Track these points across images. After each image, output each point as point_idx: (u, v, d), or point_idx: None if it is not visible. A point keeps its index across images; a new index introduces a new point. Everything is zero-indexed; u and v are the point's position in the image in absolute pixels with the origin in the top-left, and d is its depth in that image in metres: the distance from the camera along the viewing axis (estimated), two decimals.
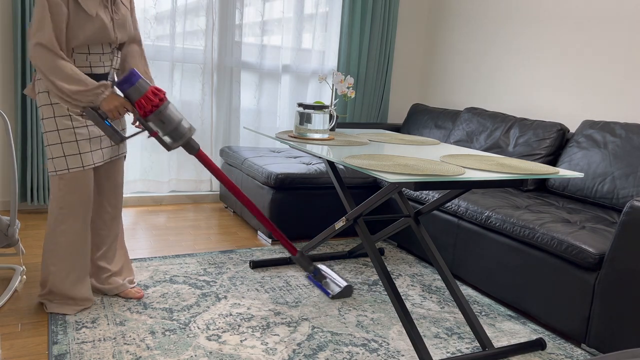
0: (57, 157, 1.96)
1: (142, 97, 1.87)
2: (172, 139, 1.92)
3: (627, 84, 2.96)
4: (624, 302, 1.94)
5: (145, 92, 1.88)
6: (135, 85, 1.87)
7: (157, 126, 1.90)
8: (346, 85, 2.61)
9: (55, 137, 1.95)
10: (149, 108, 1.87)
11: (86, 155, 2.00)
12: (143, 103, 1.87)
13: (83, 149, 1.99)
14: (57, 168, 1.97)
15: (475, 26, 3.98)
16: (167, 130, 1.90)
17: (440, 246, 2.82)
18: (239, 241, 3.16)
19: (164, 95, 1.91)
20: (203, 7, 3.67)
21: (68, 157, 1.96)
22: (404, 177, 1.56)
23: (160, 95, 1.89)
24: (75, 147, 1.97)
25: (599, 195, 2.68)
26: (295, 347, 1.97)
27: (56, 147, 1.96)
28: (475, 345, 2.09)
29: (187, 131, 1.93)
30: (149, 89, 1.89)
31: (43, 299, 2.11)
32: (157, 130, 1.90)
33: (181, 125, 1.92)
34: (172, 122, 1.90)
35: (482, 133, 3.39)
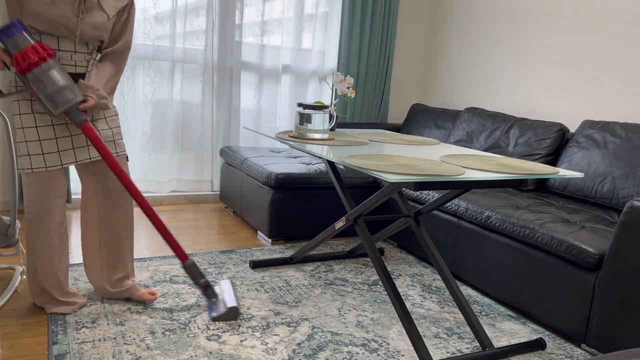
0: (22, 156, 1.92)
1: (20, 52, 1.74)
2: (51, 103, 1.79)
3: (627, 84, 2.96)
4: (624, 302, 1.94)
5: (24, 47, 1.74)
6: (13, 38, 1.73)
7: (36, 87, 1.78)
8: (346, 85, 2.61)
9: (21, 134, 1.91)
10: (24, 65, 1.74)
11: (51, 156, 1.93)
12: (20, 58, 1.74)
13: (47, 149, 1.93)
14: (23, 166, 1.93)
15: (476, 26, 3.98)
16: (45, 92, 1.77)
17: (440, 246, 2.82)
18: (239, 241, 3.16)
19: (47, 54, 1.77)
20: (203, 7, 3.67)
21: (32, 157, 1.92)
22: (404, 177, 1.56)
23: (41, 54, 1.75)
24: (39, 147, 1.91)
25: (599, 195, 2.68)
26: (295, 347, 1.97)
27: (21, 145, 1.92)
28: (475, 345, 2.09)
29: (70, 100, 1.80)
30: (30, 44, 1.75)
31: (40, 302, 2.09)
32: (37, 91, 1.78)
33: (64, 90, 1.79)
34: (52, 85, 1.77)
35: (482, 133, 3.39)
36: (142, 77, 3.61)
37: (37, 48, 1.76)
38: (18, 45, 1.74)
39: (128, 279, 2.23)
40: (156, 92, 3.67)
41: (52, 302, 2.09)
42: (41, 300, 2.09)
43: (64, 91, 1.79)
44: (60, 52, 1.88)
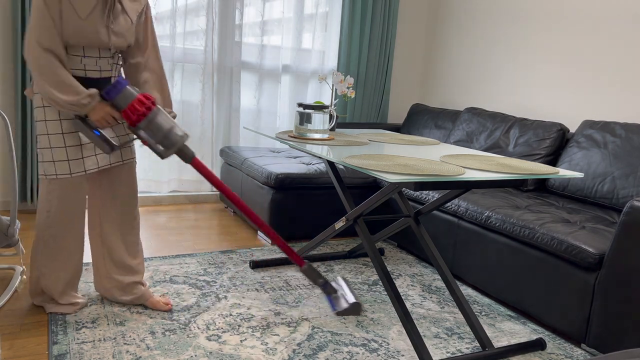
0: (46, 162, 1.93)
1: (128, 106, 1.84)
2: (164, 146, 1.87)
3: (627, 84, 2.96)
4: (624, 302, 1.94)
5: (132, 100, 1.84)
6: (121, 94, 1.84)
7: (148, 134, 1.86)
8: (346, 85, 2.61)
9: (46, 141, 1.92)
10: (134, 118, 1.83)
11: (75, 162, 1.95)
12: (129, 113, 1.84)
13: (72, 155, 1.94)
14: (46, 172, 1.93)
15: (476, 26, 3.98)
16: (157, 138, 1.86)
17: (440, 246, 2.82)
18: (239, 241, 3.16)
19: (151, 102, 1.87)
20: (203, 7, 3.67)
21: (57, 163, 1.92)
22: (404, 177, 1.56)
23: (147, 103, 1.85)
24: (64, 154, 1.92)
25: (599, 195, 2.68)
26: (295, 347, 1.97)
27: (46, 151, 1.92)
28: (475, 345, 2.09)
29: (179, 138, 1.88)
30: (136, 97, 1.85)
31: (39, 302, 2.10)
32: (147, 138, 1.86)
33: (172, 132, 1.87)
34: (162, 129, 1.85)
35: (482, 133, 3.39)
36: None
37: (142, 100, 1.86)
38: (126, 99, 1.84)
39: (140, 284, 2.20)
40: None
41: (53, 302, 2.09)
42: (41, 299, 2.09)
43: (170, 133, 1.87)
44: (85, 59, 1.91)
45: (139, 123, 1.84)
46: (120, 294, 2.17)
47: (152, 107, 1.85)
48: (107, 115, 1.87)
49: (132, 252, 2.19)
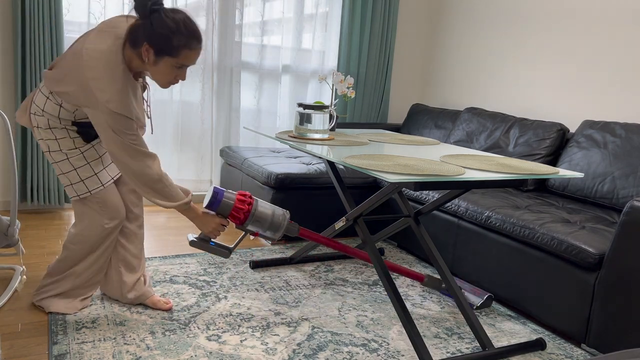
0: (75, 183, 1.96)
1: (233, 210, 1.95)
2: (272, 231, 2.02)
3: (627, 84, 2.96)
4: (624, 302, 1.94)
5: (233, 203, 1.95)
6: (221, 203, 1.94)
7: (256, 227, 2.00)
8: (346, 85, 2.61)
9: (67, 165, 1.95)
10: (242, 217, 1.96)
11: (102, 174, 2.01)
12: (235, 215, 1.95)
13: (96, 168, 1.99)
14: (79, 192, 1.97)
15: (476, 26, 3.98)
16: (265, 226, 2.00)
17: (440, 246, 2.82)
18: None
19: (249, 197, 1.98)
20: (203, 7, 3.67)
21: (86, 181, 1.97)
22: (404, 177, 1.56)
23: (247, 200, 1.96)
24: (90, 169, 1.97)
25: (599, 195, 2.68)
26: (295, 347, 1.97)
27: (71, 174, 1.96)
28: (475, 345, 2.09)
29: (282, 219, 2.02)
30: (235, 199, 1.95)
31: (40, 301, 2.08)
32: (257, 230, 2.01)
33: (275, 216, 2.00)
34: (267, 218, 1.99)
35: (482, 133, 3.39)
36: None
37: (241, 199, 1.97)
38: (229, 205, 1.95)
39: (143, 282, 2.20)
40: (156, 92, 3.67)
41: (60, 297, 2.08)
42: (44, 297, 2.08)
43: (274, 218, 2.01)
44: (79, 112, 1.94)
45: (246, 221, 1.97)
46: (127, 291, 2.17)
47: (252, 202, 1.98)
48: (218, 225, 1.97)
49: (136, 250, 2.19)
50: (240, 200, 1.97)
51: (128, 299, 2.17)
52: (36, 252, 2.71)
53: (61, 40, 3.20)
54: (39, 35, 3.12)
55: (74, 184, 1.97)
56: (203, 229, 1.97)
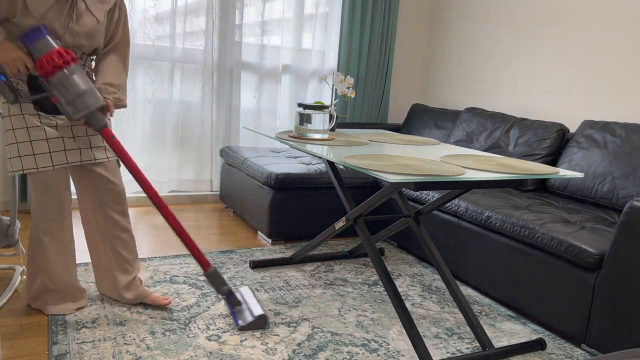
0: (13, 157, 1.87)
1: (44, 56, 1.72)
2: (76, 108, 1.79)
3: (627, 84, 2.96)
4: (624, 302, 1.94)
5: (50, 50, 1.73)
6: (39, 41, 1.71)
7: (59, 91, 1.77)
8: (346, 85, 2.61)
9: (11, 136, 1.87)
10: (49, 68, 1.73)
11: (42, 157, 1.88)
12: (44, 62, 1.72)
13: (38, 149, 1.87)
14: (13, 168, 1.88)
15: (476, 26, 3.98)
16: (69, 97, 1.77)
17: (440, 246, 2.82)
18: (239, 241, 3.16)
19: (71, 59, 1.77)
20: (203, 7, 3.67)
21: (23, 158, 1.87)
22: (404, 177, 1.56)
23: (65, 57, 1.75)
24: (29, 148, 1.86)
25: (599, 195, 2.68)
26: (295, 347, 1.97)
27: (12, 146, 1.87)
28: (475, 345, 2.09)
29: (94, 103, 1.81)
30: (55, 48, 1.74)
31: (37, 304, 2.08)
32: (58, 96, 1.77)
33: (87, 95, 1.79)
34: (76, 89, 1.77)
35: (482, 133, 3.39)
36: (142, 77, 3.61)
37: (61, 52, 1.76)
38: (42, 49, 1.73)
39: (139, 282, 2.20)
40: (156, 92, 3.67)
41: (53, 301, 2.07)
42: (40, 301, 2.07)
43: (85, 95, 1.79)
44: None
45: (52, 76, 1.74)
46: (125, 292, 2.16)
47: (70, 63, 1.76)
48: (19, 59, 1.74)
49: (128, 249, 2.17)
50: (60, 53, 1.74)
51: (127, 299, 2.17)
52: None
53: None
54: None
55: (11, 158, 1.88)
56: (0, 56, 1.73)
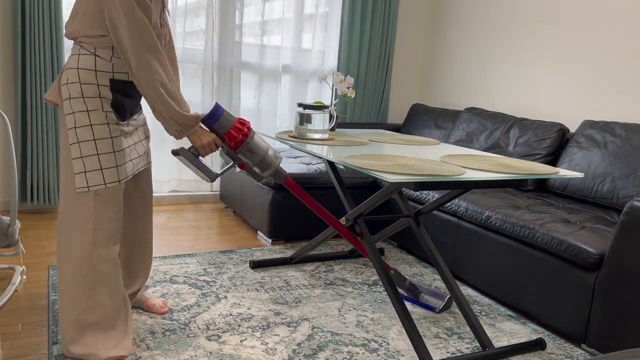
0: (92, 171, 1.70)
1: (231, 129, 1.82)
2: (260, 168, 1.90)
3: (627, 84, 2.96)
4: (624, 302, 1.94)
5: (232, 124, 1.83)
6: (221, 120, 1.82)
7: (247, 157, 1.87)
8: (346, 85, 2.61)
9: (91, 148, 1.69)
10: (239, 139, 1.83)
11: (122, 168, 1.77)
12: (233, 134, 1.82)
13: (120, 160, 1.75)
14: (92, 183, 1.70)
15: (476, 26, 3.98)
16: (256, 160, 1.88)
17: (440, 246, 2.82)
18: (239, 241, 3.16)
19: (249, 125, 1.88)
20: (203, 7, 3.67)
21: (105, 171, 1.72)
22: (404, 177, 1.56)
23: (247, 124, 1.86)
24: (113, 159, 1.73)
25: (599, 195, 2.68)
26: (295, 347, 1.97)
27: (92, 159, 1.70)
28: (475, 345, 2.09)
29: (274, 159, 1.91)
30: (235, 120, 1.84)
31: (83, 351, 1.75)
32: (247, 161, 1.88)
33: (268, 154, 1.89)
34: (261, 151, 1.87)
35: (482, 133, 3.39)
36: None
37: (242, 120, 1.85)
38: (227, 124, 1.82)
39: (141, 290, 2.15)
40: None
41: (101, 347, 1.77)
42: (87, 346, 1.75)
43: (267, 155, 1.89)
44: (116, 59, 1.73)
45: (241, 145, 1.84)
46: None
47: (251, 130, 1.86)
48: (212, 142, 1.80)
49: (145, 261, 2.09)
50: (241, 122, 1.85)
51: None
52: (36, 252, 2.71)
53: (61, 41, 3.21)
54: (39, 36, 3.12)
55: (89, 172, 1.70)
56: (196, 141, 1.78)
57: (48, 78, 3.20)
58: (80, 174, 1.71)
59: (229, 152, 1.87)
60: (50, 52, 3.18)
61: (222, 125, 1.82)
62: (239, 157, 1.87)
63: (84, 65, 1.69)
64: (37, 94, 3.18)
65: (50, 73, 3.20)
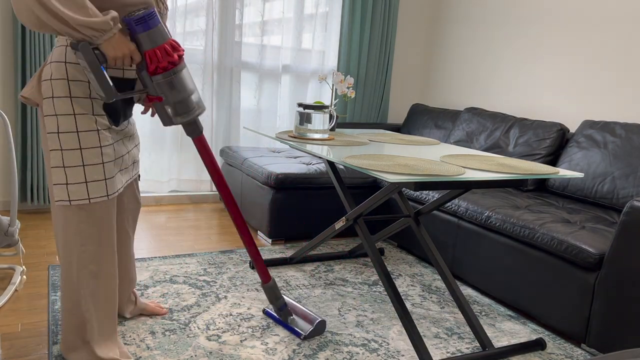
0: (74, 183, 1.50)
1: (157, 48, 1.46)
2: (175, 111, 1.54)
3: (627, 84, 2.96)
4: (624, 302, 1.94)
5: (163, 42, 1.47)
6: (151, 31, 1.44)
7: (163, 90, 1.50)
8: (346, 85, 2.61)
9: (76, 157, 1.49)
10: (163, 64, 1.47)
11: (112, 181, 1.57)
12: (158, 55, 1.46)
13: (109, 173, 1.55)
14: (74, 197, 1.50)
15: (476, 26, 3.98)
16: (173, 99, 1.52)
17: (440, 246, 2.82)
18: (239, 241, 3.16)
19: (183, 53, 1.53)
20: (203, 7, 3.67)
21: (90, 184, 1.51)
22: (404, 177, 1.56)
23: (181, 51, 1.51)
24: (101, 172, 1.52)
25: (599, 195, 2.68)
26: (295, 347, 1.97)
27: (76, 170, 1.49)
28: (475, 345, 2.09)
29: (195, 107, 1.57)
30: (168, 39, 1.49)
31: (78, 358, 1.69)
32: (161, 95, 1.51)
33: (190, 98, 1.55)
34: (184, 90, 1.52)
35: (482, 133, 3.39)
36: None
37: (174, 44, 1.50)
38: (156, 39, 1.46)
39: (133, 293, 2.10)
40: None
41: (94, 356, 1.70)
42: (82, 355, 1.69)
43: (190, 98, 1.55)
44: None
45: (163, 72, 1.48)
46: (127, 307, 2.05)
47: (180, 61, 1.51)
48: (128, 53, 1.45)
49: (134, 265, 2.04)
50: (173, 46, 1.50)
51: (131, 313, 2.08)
52: (36, 252, 2.71)
53: None
54: (39, 35, 3.12)
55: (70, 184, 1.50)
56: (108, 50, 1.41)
57: None
58: (61, 186, 1.50)
59: (144, 75, 1.50)
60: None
61: (150, 38, 1.45)
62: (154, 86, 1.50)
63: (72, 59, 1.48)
64: None
65: None
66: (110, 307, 1.69)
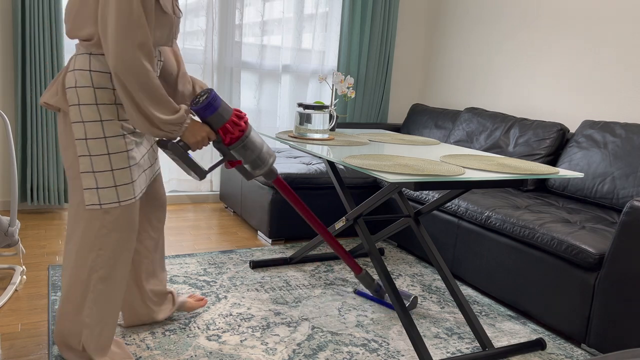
0: (104, 188, 1.55)
1: (227, 123, 1.61)
2: (253, 166, 1.70)
3: (627, 84, 2.96)
4: (624, 302, 1.94)
5: (229, 116, 1.62)
6: (218, 112, 1.59)
7: (240, 154, 1.65)
8: (346, 85, 2.61)
9: (105, 162, 1.54)
10: (235, 135, 1.61)
11: (137, 183, 1.63)
12: (229, 129, 1.60)
13: (135, 174, 1.61)
14: (105, 200, 1.56)
15: (476, 26, 3.98)
16: (250, 158, 1.67)
17: (440, 246, 2.82)
18: (239, 241, 3.16)
19: (247, 118, 1.67)
20: (203, 7, 3.67)
21: (119, 188, 1.57)
22: (404, 177, 1.56)
23: (244, 118, 1.65)
24: (128, 175, 1.58)
25: (599, 195, 2.68)
26: (295, 347, 1.97)
27: (105, 175, 1.54)
28: (475, 345, 2.09)
29: (268, 158, 1.72)
30: (232, 112, 1.64)
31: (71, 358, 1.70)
32: (240, 158, 1.66)
33: (264, 152, 1.70)
34: (256, 148, 1.67)
35: (482, 133, 3.39)
36: None
37: (239, 114, 1.65)
38: (224, 116, 1.61)
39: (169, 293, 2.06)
40: None
41: None
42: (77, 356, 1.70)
43: (263, 153, 1.70)
44: None
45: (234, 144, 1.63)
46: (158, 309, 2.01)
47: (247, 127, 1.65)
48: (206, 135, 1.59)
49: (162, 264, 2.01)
50: (238, 115, 1.64)
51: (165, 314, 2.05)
52: (36, 252, 2.71)
53: (61, 40, 3.21)
54: (39, 35, 3.12)
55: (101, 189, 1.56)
56: (189, 138, 1.56)
57: (48, 78, 3.20)
58: (91, 190, 1.56)
59: (221, 147, 1.65)
60: (50, 52, 3.18)
61: (219, 117, 1.60)
62: (232, 153, 1.66)
63: (97, 67, 1.53)
64: (37, 94, 3.18)
65: (51, 73, 3.20)
66: (113, 311, 1.70)
